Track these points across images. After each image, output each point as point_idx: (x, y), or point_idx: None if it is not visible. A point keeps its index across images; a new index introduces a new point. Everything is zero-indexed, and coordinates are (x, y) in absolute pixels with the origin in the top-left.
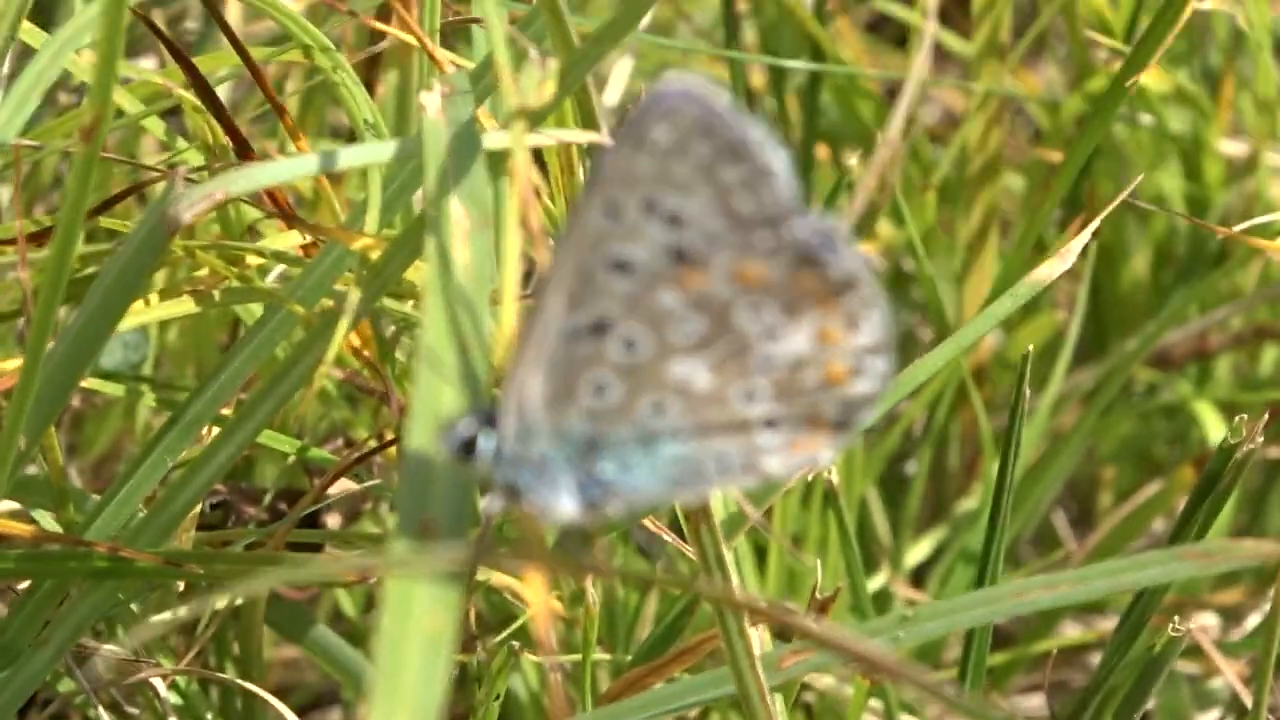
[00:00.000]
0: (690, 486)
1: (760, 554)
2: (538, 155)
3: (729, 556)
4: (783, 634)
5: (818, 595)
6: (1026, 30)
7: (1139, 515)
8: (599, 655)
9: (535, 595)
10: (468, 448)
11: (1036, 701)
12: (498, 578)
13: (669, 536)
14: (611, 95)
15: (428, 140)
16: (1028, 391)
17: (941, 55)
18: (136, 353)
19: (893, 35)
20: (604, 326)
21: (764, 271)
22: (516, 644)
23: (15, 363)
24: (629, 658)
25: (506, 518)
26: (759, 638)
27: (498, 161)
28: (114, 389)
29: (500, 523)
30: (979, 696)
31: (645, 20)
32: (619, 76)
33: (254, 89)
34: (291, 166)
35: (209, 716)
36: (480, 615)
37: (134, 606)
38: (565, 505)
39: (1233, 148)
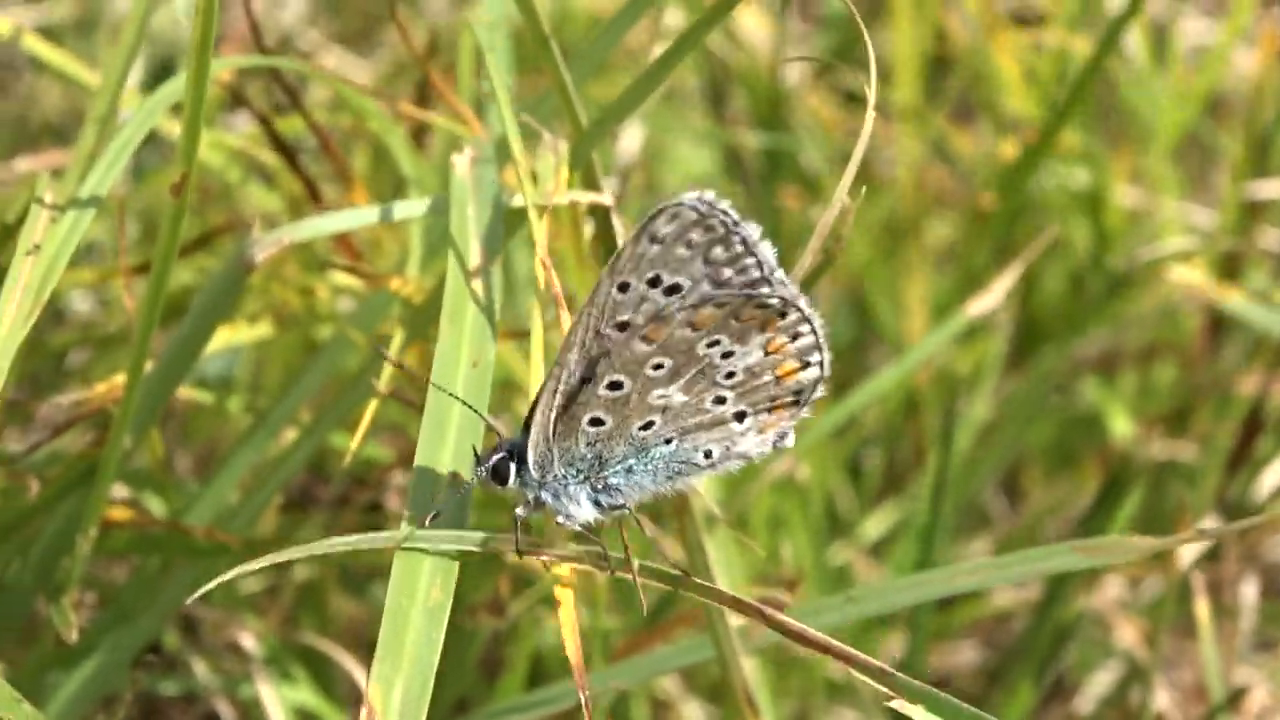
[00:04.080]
0: (687, 477)
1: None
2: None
3: (709, 544)
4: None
5: (787, 577)
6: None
7: (1056, 500)
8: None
9: (566, 617)
10: (497, 475)
11: (968, 656)
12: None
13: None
14: (628, 149)
15: (454, 192)
16: (959, 407)
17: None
18: (230, 367)
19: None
20: (597, 376)
21: (713, 315)
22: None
23: (122, 376)
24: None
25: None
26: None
27: (516, 217)
28: (207, 398)
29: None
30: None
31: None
32: (631, 139)
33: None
34: (345, 219)
35: (291, 667)
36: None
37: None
38: (584, 511)
39: (1132, 197)
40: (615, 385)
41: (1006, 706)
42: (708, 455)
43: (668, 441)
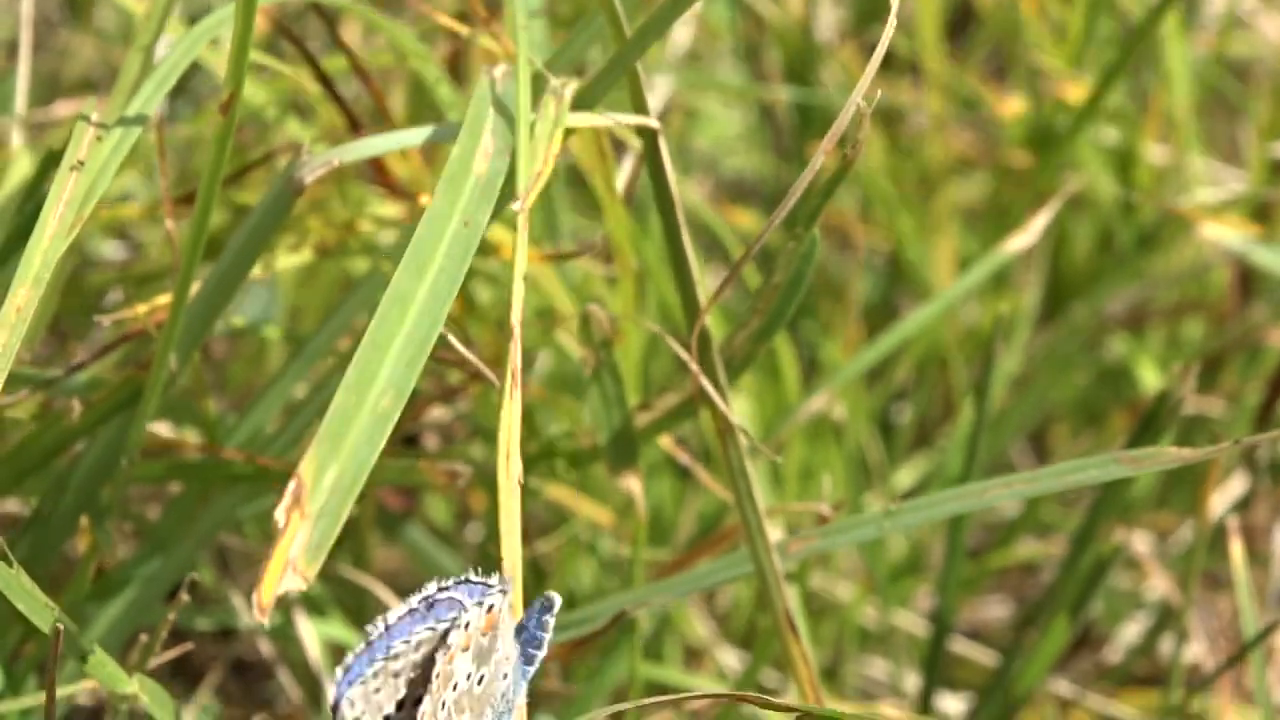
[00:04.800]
0: None
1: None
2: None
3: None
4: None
5: (825, 505)
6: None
7: (1083, 455)
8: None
9: None
10: None
11: (997, 611)
12: (554, 491)
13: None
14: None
15: (482, 91)
16: (998, 346)
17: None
18: (269, 309)
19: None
20: None
21: None
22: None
23: (165, 298)
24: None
25: None
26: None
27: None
28: (246, 333)
29: None
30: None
31: (683, 42)
32: (660, 91)
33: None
34: (389, 140)
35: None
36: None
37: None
38: None
39: (1160, 155)
40: None
41: (1040, 646)
42: None
43: None
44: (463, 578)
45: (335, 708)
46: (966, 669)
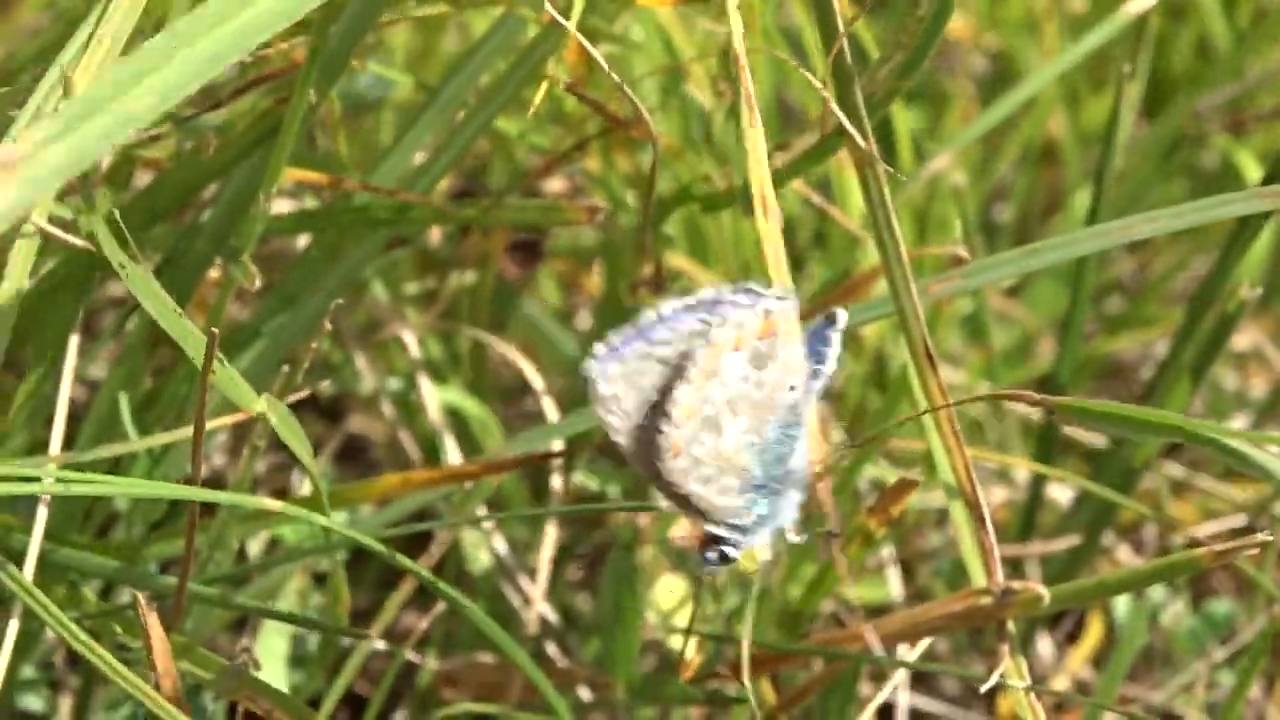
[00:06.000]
0: None
1: None
2: None
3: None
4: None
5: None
6: None
7: (1189, 245)
8: None
9: None
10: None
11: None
12: (673, 259)
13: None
14: None
15: None
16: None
17: None
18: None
19: None
20: None
21: None
22: None
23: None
24: None
25: None
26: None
27: None
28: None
29: None
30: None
31: None
32: None
33: None
34: None
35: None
36: None
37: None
38: None
39: None
40: None
41: (1170, 394)
42: None
43: None
44: (747, 285)
45: (591, 382)
46: (1073, 462)
